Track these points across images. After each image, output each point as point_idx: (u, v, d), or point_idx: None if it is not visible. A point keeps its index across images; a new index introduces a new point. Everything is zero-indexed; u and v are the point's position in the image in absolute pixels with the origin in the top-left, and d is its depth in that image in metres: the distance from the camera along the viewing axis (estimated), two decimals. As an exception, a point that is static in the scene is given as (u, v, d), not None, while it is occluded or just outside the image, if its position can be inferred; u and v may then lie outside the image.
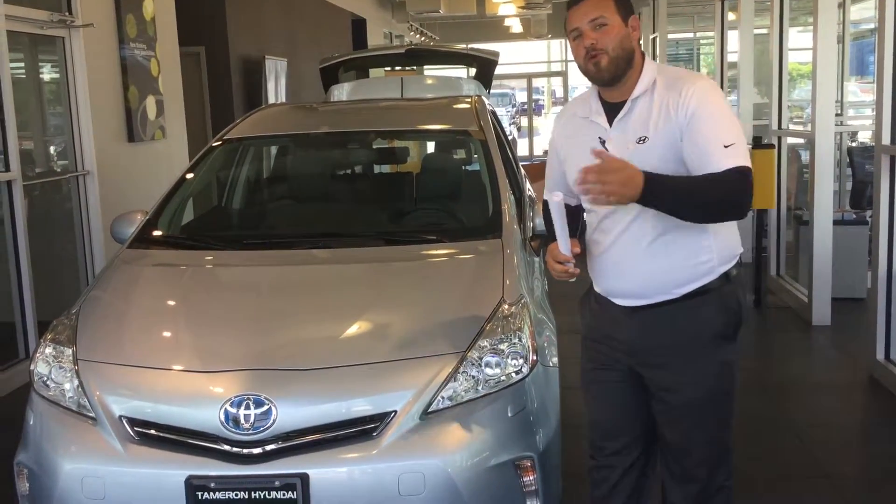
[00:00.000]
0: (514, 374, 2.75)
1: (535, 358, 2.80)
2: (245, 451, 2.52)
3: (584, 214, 2.50)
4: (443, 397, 2.64)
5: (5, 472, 2.83)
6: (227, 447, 2.53)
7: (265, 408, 2.53)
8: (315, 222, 3.79)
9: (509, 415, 2.69)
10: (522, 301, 2.96)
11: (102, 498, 2.55)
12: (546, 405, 2.83)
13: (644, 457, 2.57)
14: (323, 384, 2.62)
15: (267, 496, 2.48)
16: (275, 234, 3.84)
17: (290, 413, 2.54)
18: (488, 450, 2.62)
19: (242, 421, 2.52)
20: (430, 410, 2.61)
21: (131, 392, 2.67)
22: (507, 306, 2.90)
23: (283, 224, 3.97)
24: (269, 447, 2.53)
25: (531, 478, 2.68)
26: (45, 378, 2.82)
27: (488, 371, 2.72)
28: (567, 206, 2.32)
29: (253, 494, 2.48)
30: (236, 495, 2.48)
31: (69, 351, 2.83)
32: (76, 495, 2.57)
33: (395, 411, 2.58)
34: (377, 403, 2.60)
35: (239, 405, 2.53)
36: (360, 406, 2.60)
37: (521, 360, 2.77)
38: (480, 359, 2.74)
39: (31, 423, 2.78)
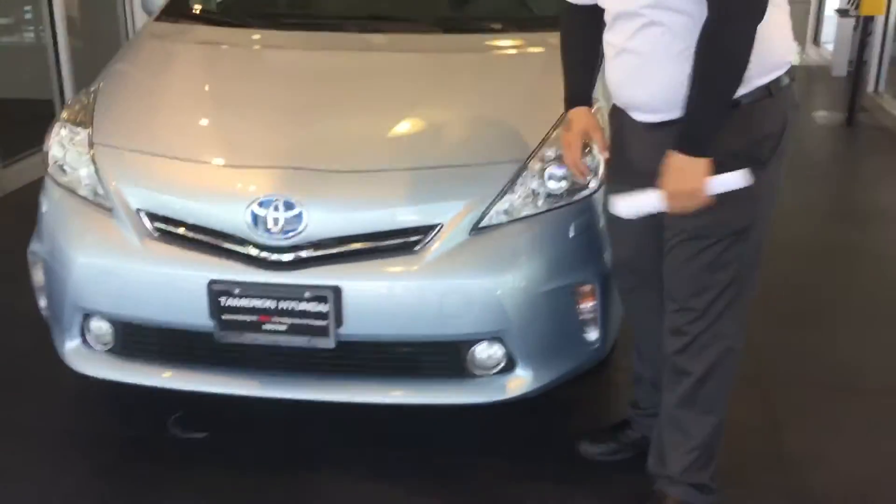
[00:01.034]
0: (580, 190, 2.40)
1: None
2: (273, 256, 2.25)
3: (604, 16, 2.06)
4: (497, 211, 2.31)
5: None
6: (253, 251, 2.26)
7: (296, 211, 2.23)
8: (364, 3, 3.35)
9: (571, 235, 2.36)
10: (597, 106, 2.55)
11: (118, 296, 2.34)
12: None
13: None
14: (362, 189, 2.30)
15: (296, 308, 2.23)
16: (319, 14, 3.41)
17: (324, 219, 2.25)
18: (544, 272, 2.31)
19: (270, 224, 2.23)
20: (481, 225, 2.30)
21: (150, 183, 2.39)
22: (577, 110, 2.51)
23: (328, 3, 3.53)
24: (299, 254, 2.25)
25: (591, 304, 2.40)
26: (61, 162, 2.55)
27: (551, 184, 2.38)
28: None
29: (280, 304, 2.24)
30: (262, 304, 2.24)
31: (84, 133, 2.54)
32: (90, 290, 2.36)
33: (442, 224, 2.27)
34: (421, 214, 2.29)
35: (267, 206, 2.24)
36: (402, 216, 2.28)
37: (589, 175, 2.41)
38: (543, 170, 2.38)
39: (45, 210, 2.54)
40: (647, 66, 1.95)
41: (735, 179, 1.88)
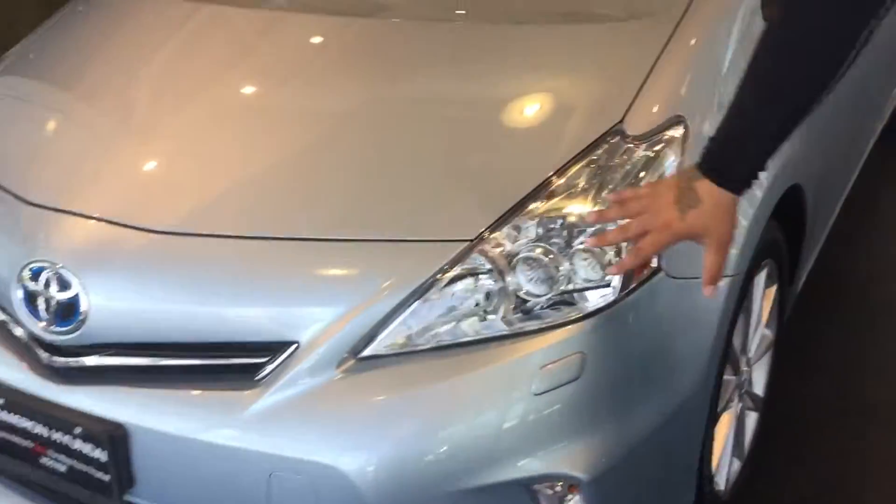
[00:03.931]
0: (586, 298, 1.28)
1: (656, 263, 1.28)
2: (45, 356, 1.41)
3: None
4: (404, 329, 1.27)
5: None
6: (20, 334, 1.44)
7: (72, 292, 1.36)
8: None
9: (535, 390, 1.25)
10: (678, 129, 1.37)
11: None
12: (657, 373, 1.35)
13: None
14: (179, 263, 1.36)
15: (70, 445, 1.38)
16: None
17: (116, 311, 1.35)
18: (474, 453, 1.24)
19: (41, 305, 1.39)
20: (366, 354, 1.27)
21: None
22: (616, 139, 1.35)
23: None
24: (74, 361, 1.39)
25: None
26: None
27: (524, 283, 1.28)
28: None
29: (53, 435, 1.40)
30: (33, 427, 1.41)
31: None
32: None
33: (297, 343, 1.28)
34: (272, 321, 1.30)
35: (36, 277, 1.39)
36: (232, 318, 1.32)
37: (598, 271, 1.27)
38: (513, 256, 1.29)
39: None
40: None
41: None
